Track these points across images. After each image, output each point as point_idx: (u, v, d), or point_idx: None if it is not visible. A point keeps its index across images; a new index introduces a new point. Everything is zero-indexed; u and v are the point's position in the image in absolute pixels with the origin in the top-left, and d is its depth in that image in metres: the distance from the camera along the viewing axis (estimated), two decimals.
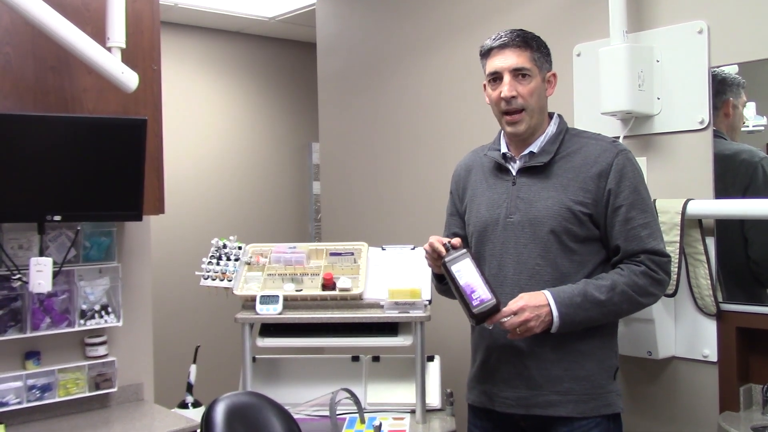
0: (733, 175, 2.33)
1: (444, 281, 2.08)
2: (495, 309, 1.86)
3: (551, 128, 2.07)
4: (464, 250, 1.93)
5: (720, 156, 2.34)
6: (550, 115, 2.11)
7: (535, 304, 1.88)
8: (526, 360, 1.98)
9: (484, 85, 2.11)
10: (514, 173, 2.07)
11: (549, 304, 1.88)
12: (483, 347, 2.10)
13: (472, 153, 2.28)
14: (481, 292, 1.86)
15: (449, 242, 1.95)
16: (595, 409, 1.96)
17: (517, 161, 2.07)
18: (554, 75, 2.10)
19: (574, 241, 1.97)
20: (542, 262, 1.98)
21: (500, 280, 2.01)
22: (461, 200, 2.23)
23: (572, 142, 2.05)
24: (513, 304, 1.89)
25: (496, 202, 2.08)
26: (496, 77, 2.04)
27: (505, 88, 2.00)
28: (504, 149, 2.11)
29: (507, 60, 2.01)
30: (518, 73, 2.01)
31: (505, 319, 1.87)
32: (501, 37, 2.04)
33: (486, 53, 2.08)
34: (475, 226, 2.13)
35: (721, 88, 2.34)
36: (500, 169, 2.11)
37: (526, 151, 2.06)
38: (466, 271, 1.89)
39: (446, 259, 1.92)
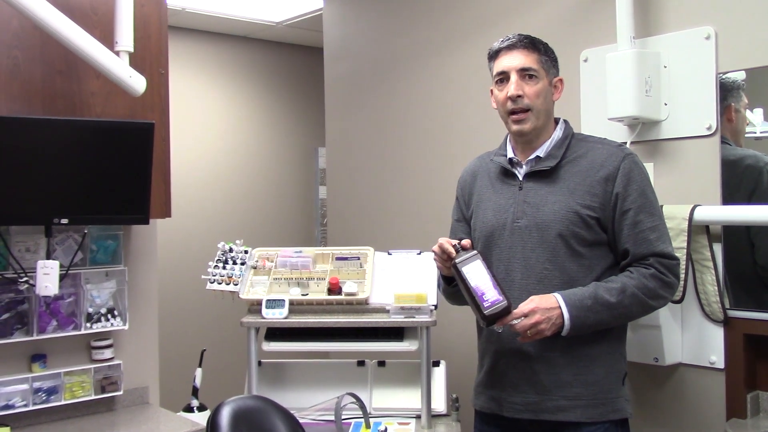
0: (738, 180, 2.32)
1: (452, 283, 2.08)
2: (506, 311, 1.85)
3: (557, 133, 2.08)
4: (475, 252, 1.92)
5: (725, 161, 2.33)
6: (557, 121, 2.11)
7: (546, 306, 1.88)
8: (535, 365, 1.98)
9: (491, 90, 2.12)
10: (520, 178, 2.07)
11: (560, 307, 1.89)
12: (491, 352, 2.10)
13: (477, 159, 2.28)
14: (492, 294, 1.85)
15: (459, 243, 1.95)
16: (604, 414, 1.95)
17: (524, 166, 2.07)
18: (561, 80, 2.11)
19: (581, 245, 1.97)
20: (550, 266, 1.98)
21: (508, 284, 2.00)
22: (467, 206, 2.23)
23: (579, 147, 2.05)
24: (524, 306, 1.89)
25: (502, 206, 2.08)
26: (503, 77, 2.05)
27: (512, 87, 2.01)
28: (510, 154, 2.11)
29: (514, 60, 2.03)
30: (525, 73, 2.02)
31: (516, 321, 1.87)
32: (509, 39, 2.06)
33: (494, 55, 2.09)
34: (482, 231, 2.12)
35: (721, 93, 2.33)
36: (506, 174, 2.11)
37: (533, 156, 2.06)
38: (476, 273, 1.88)
39: (457, 261, 1.91)
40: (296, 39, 5.45)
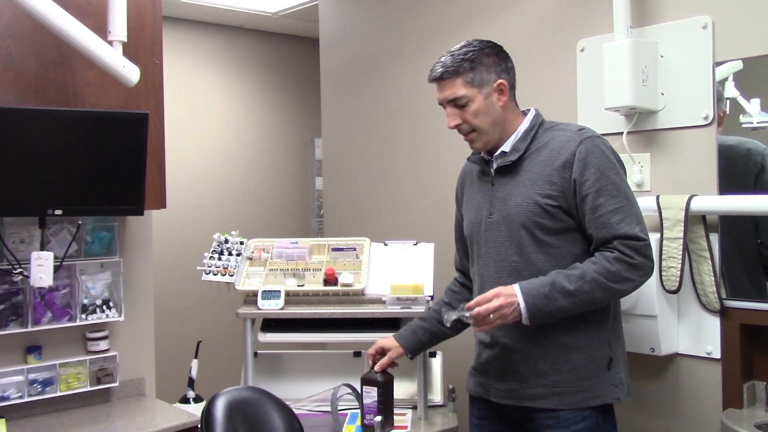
0: (735, 165, 2.31)
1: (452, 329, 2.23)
2: (377, 428, 2.26)
3: (523, 125, 2.07)
4: (381, 382, 2.27)
5: (733, 149, 2.31)
6: (526, 112, 2.11)
7: (507, 293, 1.91)
8: (514, 356, 2.02)
9: None
10: (492, 174, 2.09)
11: (516, 296, 1.90)
12: (478, 342, 2.17)
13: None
14: (372, 416, 2.27)
15: (374, 363, 2.28)
16: (583, 401, 1.96)
17: (494, 162, 2.09)
18: (501, 83, 2.03)
19: (547, 234, 1.98)
20: (518, 258, 2.00)
21: (485, 279, 2.07)
22: (461, 205, 2.28)
23: (544, 137, 2.04)
24: (488, 293, 1.92)
25: (480, 203, 2.12)
26: (444, 107, 2.08)
27: (449, 119, 2.06)
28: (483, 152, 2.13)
29: (443, 92, 2.06)
30: (455, 102, 2.03)
31: (478, 309, 1.91)
32: (432, 72, 2.07)
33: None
34: (467, 229, 2.19)
35: (719, 103, 2.33)
36: (484, 171, 2.15)
37: (498, 151, 2.07)
38: (371, 396, 2.28)
39: (363, 376, 2.29)
40: (292, 30, 5.42)
